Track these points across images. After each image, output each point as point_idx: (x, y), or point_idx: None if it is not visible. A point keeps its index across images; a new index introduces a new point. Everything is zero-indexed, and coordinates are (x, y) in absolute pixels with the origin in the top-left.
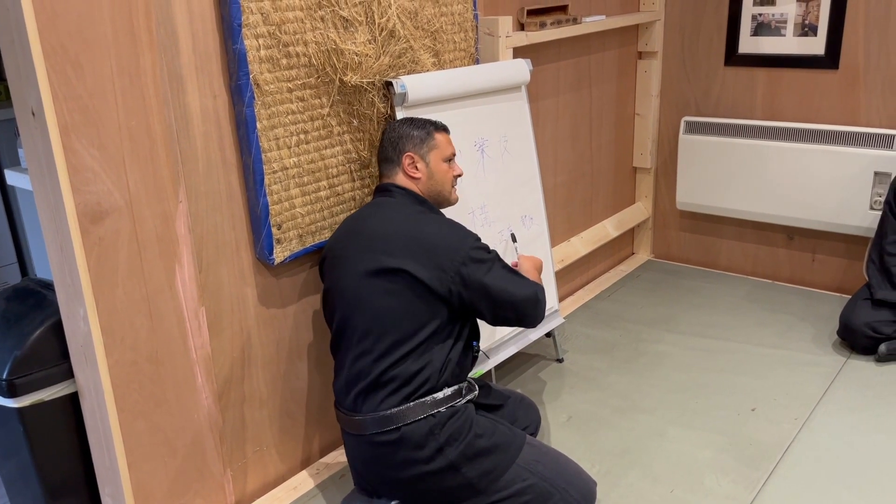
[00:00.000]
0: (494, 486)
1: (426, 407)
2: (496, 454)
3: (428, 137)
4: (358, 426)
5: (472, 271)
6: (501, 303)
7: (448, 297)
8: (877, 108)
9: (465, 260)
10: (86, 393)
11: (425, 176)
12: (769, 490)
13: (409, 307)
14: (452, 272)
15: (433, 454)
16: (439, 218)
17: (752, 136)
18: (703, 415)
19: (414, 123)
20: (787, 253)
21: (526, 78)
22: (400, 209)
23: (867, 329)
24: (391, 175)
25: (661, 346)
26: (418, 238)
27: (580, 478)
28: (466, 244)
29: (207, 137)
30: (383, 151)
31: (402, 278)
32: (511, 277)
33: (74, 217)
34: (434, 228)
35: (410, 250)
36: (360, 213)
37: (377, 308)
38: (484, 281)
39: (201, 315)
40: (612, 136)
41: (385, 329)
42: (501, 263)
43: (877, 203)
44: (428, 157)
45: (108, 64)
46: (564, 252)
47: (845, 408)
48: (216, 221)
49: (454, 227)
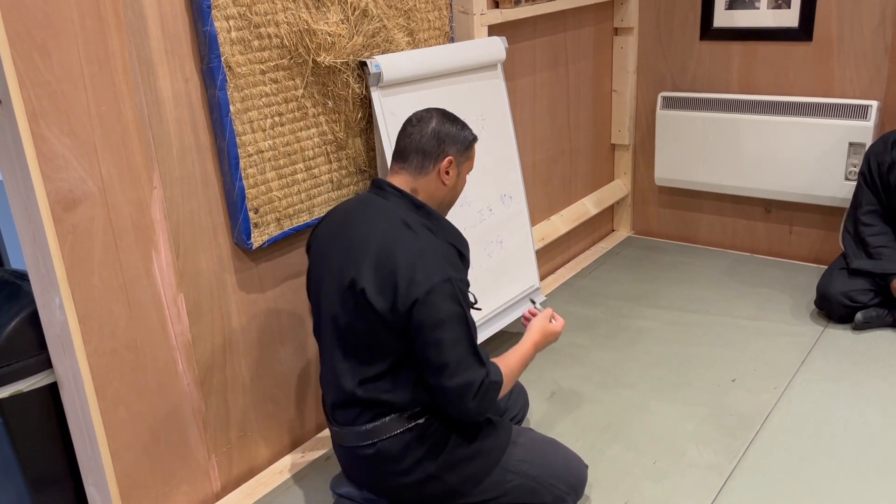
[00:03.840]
0: (478, 489)
1: (403, 421)
2: (479, 459)
3: (470, 146)
4: (338, 437)
5: (423, 316)
6: (429, 366)
7: (402, 332)
8: (850, 79)
9: (423, 300)
10: (65, 382)
11: (450, 185)
12: (750, 458)
13: (369, 331)
14: (404, 309)
15: (412, 466)
16: (423, 239)
17: (728, 110)
18: (685, 387)
19: (458, 123)
20: (765, 226)
21: (501, 56)
22: (388, 214)
23: (844, 298)
24: (409, 171)
25: (642, 321)
26: (387, 256)
27: (569, 467)
28: (432, 281)
29: (180, 122)
30: (418, 143)
31: (361, 299)
32: (464, 351)
33: (46, 205)
34: (408, 251)
35: (376, 270)
36: (349, 206)
37: (345, 325)
38: (429, 336)
39: (180, 302)
40: (589, 113)
41: (352, 349)
42: (466, 328)
43: (851, 174)
44: (462, 166)
45: (75, 49)
46: (544, 231)
47: (823, 376)
48: (192, 207)
49: (431, 257)
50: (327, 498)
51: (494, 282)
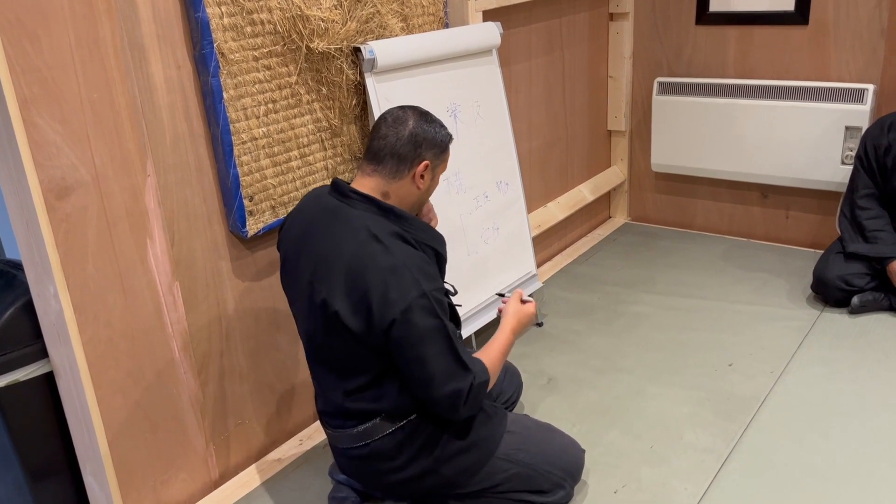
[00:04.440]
0: (474, 479)
1: (394, 420)
2: (474, 451)
3: (445, 150)
4: (332, 439)
5: (402, 334)
6: (415, 381)
7: (380, 350)
8: (846, 62)
9: (400, 319)
10: (61, 372)
11: (423, 189)
12: (746, 441)
13: (347, 350)
14: (380, 330)
15: (406, 463)
16: (393, 252)
17: (724, 95)
18: (682, 372)
19: (435, 124)
20: (762, 211)
21: (496, 41)
22: (354, 225)
23: (840, 282)
24: (382, 175)
25: (638, 307)
26: (358, 276)
27: (565, 453)
28: (407, 300)
29: (173, 109)
30: (394, 146)
31: (335, 320)
32: (446, 361)
33: (39, 193)
34: (378, 269)
35: (348, 292)
36: (311, 217)
37: (325, 344)
38: (409, 353)
39: (176, 290)
40: (585, 99)
41: (333, 363)
42: (445, 337)
43: (848, 158)
44: (437, 170)
45: (66, 35)
46: (541, 217)
47: (819, 360)
48: (186, 194)
49: (403, 273)
50: (326, 484)
51: (491, 269)
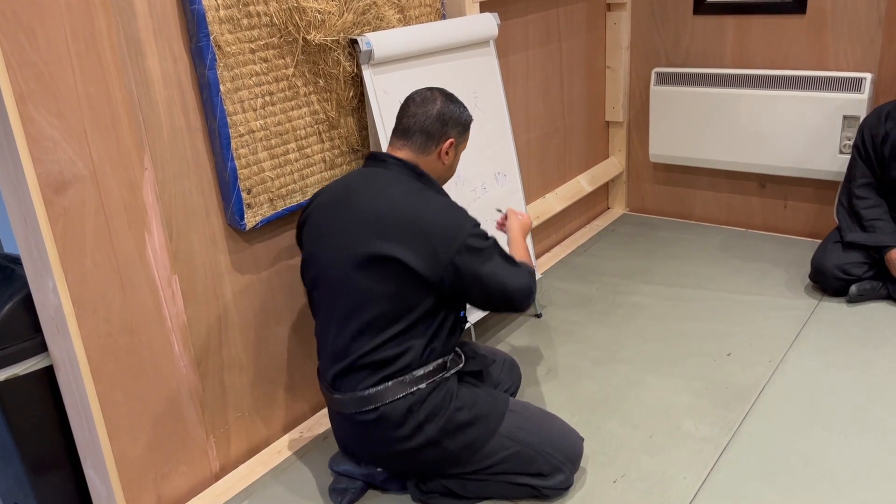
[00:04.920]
0: (476, 456)
1: (405, 385)
2: (477, 426)
3: (467, 129)
4: (337, 404)
5: (467, 261)
6: (494, 293)
7: (439, 284)
8: (844, 51)
9: (462, 249)
10: (61, 366)
11: (447, 165)
12: (745, 430)
13: (396, 293)
14: (446, 261)
15: (413, 432)
16: (438, 198)
17: (722, 85)
18: (680, 362)
19: (459, 104)
20: (760, 201)
21: (494, 32)
22: (396, 184)
23: (838, 271)
24: (412, 148)
25: (637, 297)
26: (414, 221)
27: (565, 439)
28: (464, 231)
29: (170, 102)
30: (423, 123)
31: (393, 265)
32: (507, 267)
33: (37, 188)
34: (431, 212)
35: (404, 234)
36: (349, 182)
37: (363, 290)
38: (479, 272)
39: (174, 283)
40: (583, 90)
41: (369, 312)
42: (498, 250)
43: (846, 147)
44: (459, 147)
45: (61, 29)
46: (539, 209)
47: (817, 349)
48: (184, 188)
49: (452, 211)
50: (326, 476)
51: None
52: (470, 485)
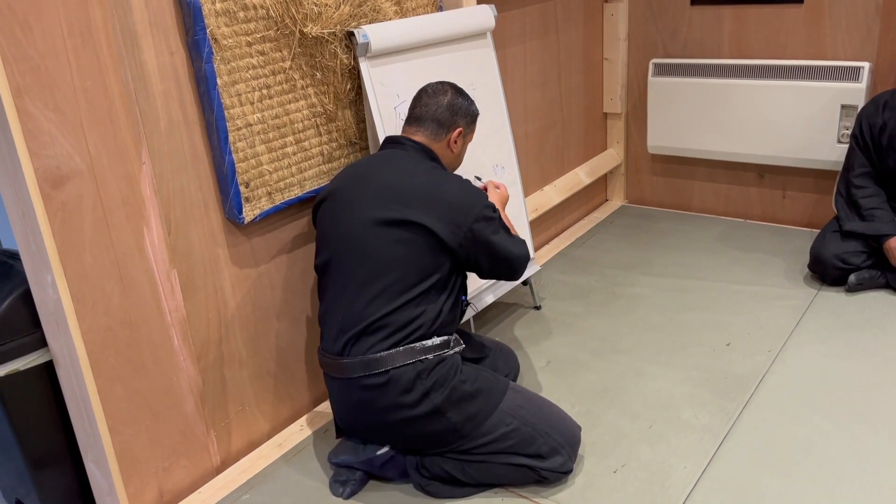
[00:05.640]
0: (479, 430)
1: (415, 353)
2: (480, 399)
3: (474, 120)
4: (345, 369)
5: (483, 228)
6: (500, 259)
7: (457, 250)
8: (842, 40)
9: (479, 217)
10: (60, 360)
11: (455, 153)
12: (745, 419)
13: (417, 257)
14: (466, 228)
15: (419, 398)
16: (453, 176)
17: (719, 76)
18: (680, 352)
19: (467, 98)
20: (759, 191)
21: (491, 24)
22: (415, 163)
23: (837, 261)
24: (425, 134)
25: (636, 288)
26: (437, 193)
27: (564, 423)
28: (480, 203)
29: (167, 96)
30: (434, 112)
31: (417, 230)
32: (509, 237)
33: (34, 182)
34: (450, 186)
35: (427, 204)
36: (367, 162)
37: (383, 255)
38: (490, 240)
39: (173, 277)
40: (581, 82)
41: (389, 276)
42: (502, 223)
43: (844, 136)
44: (467, 137)
45: (57, 23)
46: (538, 201)
47: (817, 338)
48: (182, 182)
49: (467, 187)
50: (326, 469)
51: None
52: (469, 468)
